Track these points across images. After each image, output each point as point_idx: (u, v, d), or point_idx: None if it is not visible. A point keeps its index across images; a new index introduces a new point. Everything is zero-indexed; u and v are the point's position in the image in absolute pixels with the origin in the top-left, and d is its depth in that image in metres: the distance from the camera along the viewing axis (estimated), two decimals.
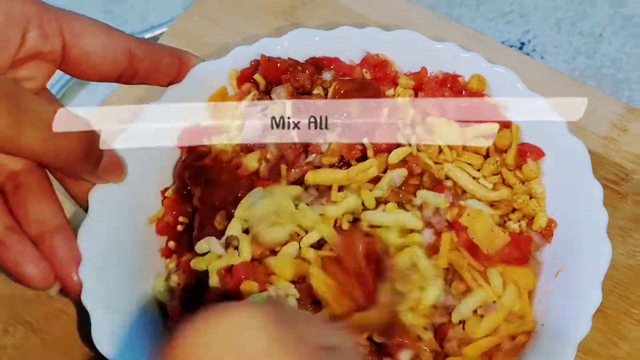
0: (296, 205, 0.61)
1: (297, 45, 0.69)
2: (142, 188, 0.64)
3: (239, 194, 0.62)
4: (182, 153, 0.66)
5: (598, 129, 0.74)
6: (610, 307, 0.66)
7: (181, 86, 0.65)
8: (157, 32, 0.83)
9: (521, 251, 0.62)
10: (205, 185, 0.63)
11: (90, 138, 0.55)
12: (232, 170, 0.63)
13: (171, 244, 0.65)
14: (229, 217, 0.61)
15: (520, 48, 0.83)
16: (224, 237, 0.60)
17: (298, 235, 0.60)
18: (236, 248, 0.60)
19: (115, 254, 0.61)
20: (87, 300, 0.58)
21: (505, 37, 0.84)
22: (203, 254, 0.61)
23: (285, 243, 0.60)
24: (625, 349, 0.65)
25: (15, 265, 0.57)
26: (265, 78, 0.67)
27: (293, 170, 0.63)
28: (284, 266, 0.59)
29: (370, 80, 0.67)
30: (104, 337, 0.57)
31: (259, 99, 0.66)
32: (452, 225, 0.62)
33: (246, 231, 0.61)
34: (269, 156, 0.64)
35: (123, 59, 0.59)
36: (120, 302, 0.60)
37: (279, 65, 0.66)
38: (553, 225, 0.64)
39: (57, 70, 0.59)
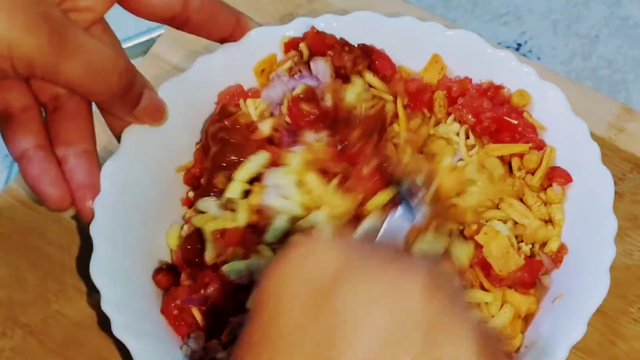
0: None
1: (358, 26, 0.69)
2: (178, 137, 0.66)
3: (246, 157, 0.63)
4: (216, 110, 0.68)
5: (595, 129, 0.74)
6: (608, 306, 0.66)
7: (235, 46, 0.67)
8: (154, 35, 0.83)
9: (531, 276, 0.62)
10: (220, 144, 0.64)
11: (130, 78, 0.57)
12: (245, 133, 0.65)
13: (191, 194, 0.67)
14: (231, 178, 0.63)
15: (517, 49, 0.83)
16: (223, 199, 0.62)
17: None
18: (233, 210, 0.61)
19: (136, 194, 0.63)
20: (94, 231, 0.59)
21: (501, 39, 0.84)
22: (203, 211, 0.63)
23: None
24: (623, 348, 0.65)
25: (36, 182, 0.58)
26: (311, 50, 0.67)
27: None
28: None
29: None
30: (100, 270, 0.59)
31: (298, 69, 0.67)
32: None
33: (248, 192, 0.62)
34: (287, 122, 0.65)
35: (178, 4, 0.60)
36: (128, 241, 0.61)
37: (326, 40, 0.67)
38: (564, 251, 0.63)
39: None
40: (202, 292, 0.61)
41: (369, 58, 0.68)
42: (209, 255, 0.62)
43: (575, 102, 0.75)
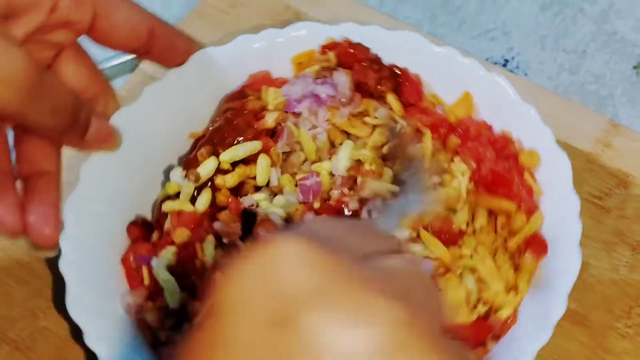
0: None
1: (401, 45, 0.69)
2: (200, 106, 0.68)
3: (238, 141, 0.64)
4: (238, 88, 0.69)
5: (582, 144, 0.75)
6: (595, 321, 0.67)
7: (279, 33, 0.69)
8: None
9: (476, 337, 0.61)
10: (224, 122, 0.65)
11: (75, 105, 0.55)
12: (249, 118, 0.65)
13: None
14: (214, 154, 0.64)
15: (504, 65, 0.84)
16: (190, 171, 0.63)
17: None
18: (195, 181, 0.63)
19: (141, 146, 0.64)
20: (85, 167, 0.61)
21: (488, 55, 0.84)
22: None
23: None
24: None
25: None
26: (339, 59, 0.67)
27: None
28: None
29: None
30: (74, 206, 0.60)
31: (324, 74, 0.67)
32: None
33: (223, 171, 0.63)
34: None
35: (144, 34, 0.60)
36: (114, 186, 0.63)
37: (357, 54, 0.67)
38: (513, 321, 0.61)
39: None
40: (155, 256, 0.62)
41: (396, 81, 0.68)
42: (167, 226, 0.63)
43: (562, 117, 0.76)
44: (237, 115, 0.65)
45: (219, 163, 0.64)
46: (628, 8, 0.86)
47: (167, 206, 0.63)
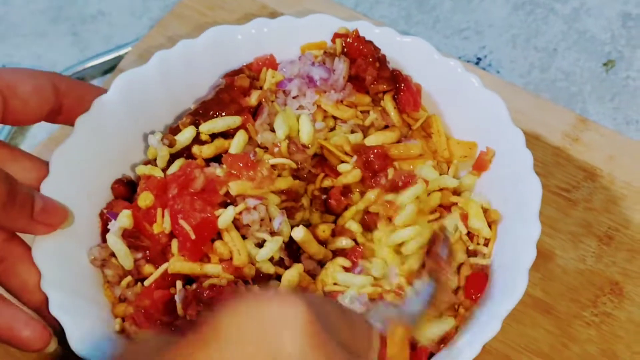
0: None
1: (413, 52, 0.70)
2: (204, 79, 0.71)
3: (221, 114, 0.67)
4: (239, 66, 0.72)
5: (551, 139, 0.76)
6: (561, 310, 0.68)
7: (294, 21, 0.72)
8: (122, 52, 0.85)
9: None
10: (212, 95, 0.68)
11: (10, 182, 0.55)
12: (236, 95, 0.68)
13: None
14: (194, 124, 0.66)
15: (477, 63, 0.85)
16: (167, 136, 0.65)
17: None
18: (170, 146, 0.65)
19: (145, 113, 0.68)
20: (80, 121, 0.64)
21: (461, 53, 0.86)
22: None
23: None
24: (576, 351, 0.66)
25: (10, 330, 0.57)
26: (347, 50, 0.69)
27: None
28: None
29: None
30: (64, 156, 0.63)
31: (324, 59, 0.69)
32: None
33: (203, 143, 0.65)
34: (272, 98, 0.69)
35: (51, 95, 0.61)
36: (106, 144, 0.66)
37: (363, 48, 0.68)
38: (449, 338, 0.61)
39: None
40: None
41: (395, 85, 0.69)
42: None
43: (532, 112, 0.77)
44: (225, 91, 0.68)
45: (199, 133, 0.66)
46: (598, 7, 0.88)
47: (140, 169, 0.65)
